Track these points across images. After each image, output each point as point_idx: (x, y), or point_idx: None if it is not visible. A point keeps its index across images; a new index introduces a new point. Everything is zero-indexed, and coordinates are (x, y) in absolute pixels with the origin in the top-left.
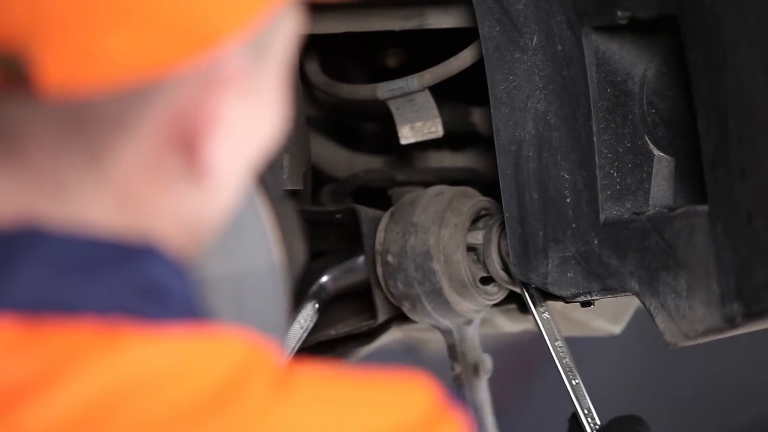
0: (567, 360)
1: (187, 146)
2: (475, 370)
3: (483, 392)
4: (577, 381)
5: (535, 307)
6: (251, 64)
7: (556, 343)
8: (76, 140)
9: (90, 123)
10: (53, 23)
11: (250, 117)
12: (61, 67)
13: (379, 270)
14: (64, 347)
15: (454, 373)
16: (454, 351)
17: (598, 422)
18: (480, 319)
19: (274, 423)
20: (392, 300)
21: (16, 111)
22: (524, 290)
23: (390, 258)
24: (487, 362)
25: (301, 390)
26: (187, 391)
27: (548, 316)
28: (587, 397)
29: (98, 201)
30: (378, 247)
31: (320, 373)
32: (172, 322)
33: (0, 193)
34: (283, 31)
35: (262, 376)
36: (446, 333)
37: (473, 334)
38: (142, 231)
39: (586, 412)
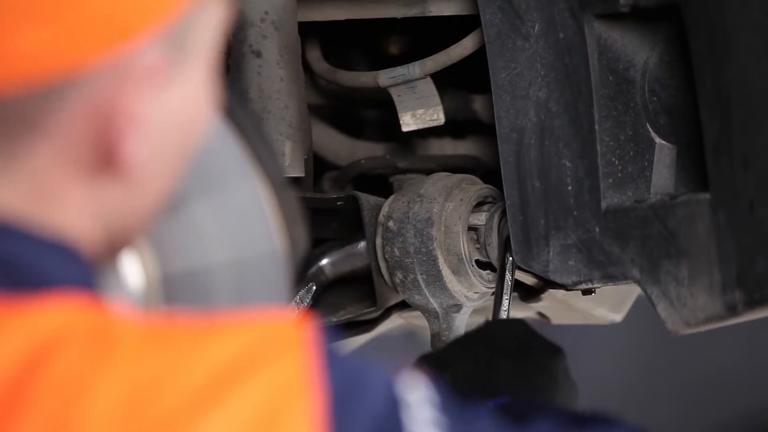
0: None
1: (104, 142)
2: None
3: None
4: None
5: (505, 272)
6: (170, 57)
7: (504, 296)
8: None
9: (3, 120)
10: None
11: (174, 110)
12: None
13: (378, 241)
14: None
15: None
16: (437, 339)
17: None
18: (469, 311)
19: (87, 400)
20: (386, 273)
21: None
22: (504, 254)
23: (391, 224)
24: None
25: (123, 351)
26: None
27: (511, 283)
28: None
29: (5, 190)
30: (381, 218)
31: (144, 325)
32: (8, 294)
33: None
34: (205, 21)
35: (77, 345)
36: (432, 318)
37: (459, 325)
38: (52, 221)
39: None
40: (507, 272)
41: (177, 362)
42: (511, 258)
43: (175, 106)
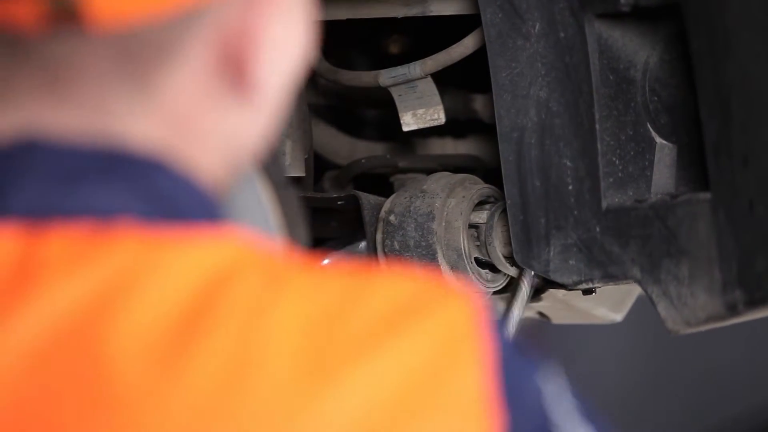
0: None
1: (235, 66)
2: None
3: None
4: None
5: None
6: None
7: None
8: (125, 69)
9: (140, 52)
10: None
11: (288, 34)
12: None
13: (379, 236)
14: (60, 249)
15: None
16: None
17: None
18: None
19: (268, 321)
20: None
21: (64, 46)
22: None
23: (392, 218)
24: None
25: (295, 285)
26: (169, 294)
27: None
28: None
29: (143, 122)
30: (382, 214)
31: (319, 266)
32: (173, 227)
33: (41, 116)
34: None
35: (253, 275)
36: None
37: None
38: (184, 151)
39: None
40: (524, 284)
41: (352, 296)
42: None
43: (287, 30)
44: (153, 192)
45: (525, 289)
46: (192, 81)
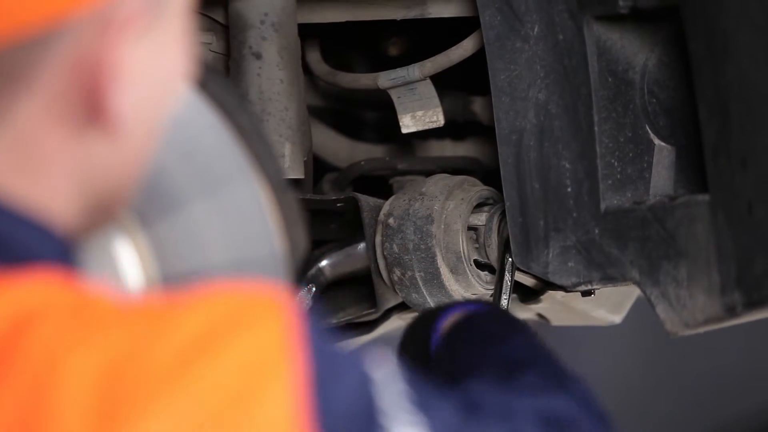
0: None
1: (90, 93)
2: None
3: None
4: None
5: (504, 271)
6: (148, 6)
7: (503, 297)
8: None
9: None
10: None
11: (156, 61)
12: None
13: (378, 239)
14: None
15: None
16: None
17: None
18: None
19: (63, 370)
20: (384, 271)
21: None
22: (504, 255)
23: (391, 220)
24: None
25: (99, 328)
26: None
27: (510, 284)
28: None
29: None
30: (381, 217)
31: (120, 302)
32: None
33: None
34: None
35: (55, 320)
36: None
37: None
38: (35, 192)
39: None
40: (506, 273)
41: (152, 335)
42: (510, 259)
43: (154, 57)
44: None
45: (507, 277)
46: (42, 110)
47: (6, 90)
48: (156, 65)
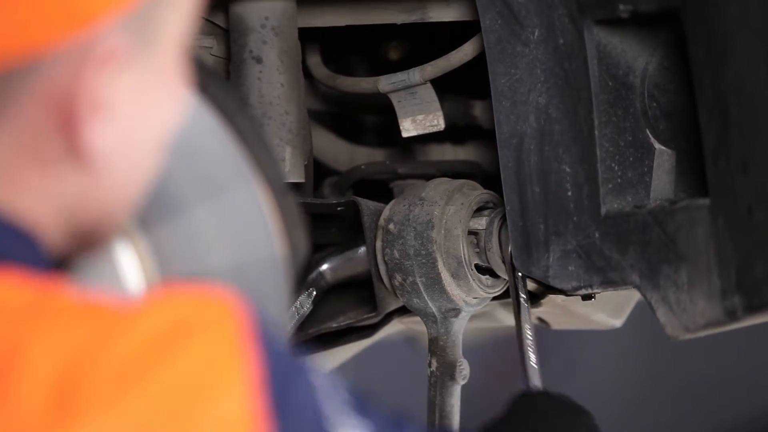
0: (530, 342)
1: (66, 127)
2: (451, 373)
3: (455, 398)
4: (535, 363)
5: (519, 290)
6: (136, 41)
7: (526, 326)
8: None
9: None
10: None
11: (143, 96)
12: None
13: (379, 244)
14: None
15: (429, 369)
16: (434, 344)
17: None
18: (468, 317)
19: (21, 360)
20: (385, 277)
21: None
22: (512, 274)
23: (392, 226)
24: (465, 368)
25: (55, 325)
26: None
27: (526, 304)
28: (540, 381)
29: None
30: (382, 222)
31: (82, 302)
32: None
33: None
34: (175, 9)
35: (10, 313)
36: (430, 323)
37: (458, 330)
38: (9, 202)
39: None
40: (521, 293)
41: (110, 333)
42: (520, 275)
43: (140, 91)
44: None
45: (523, 298)
46: (16, 140)
47: None
48: (142, 99)
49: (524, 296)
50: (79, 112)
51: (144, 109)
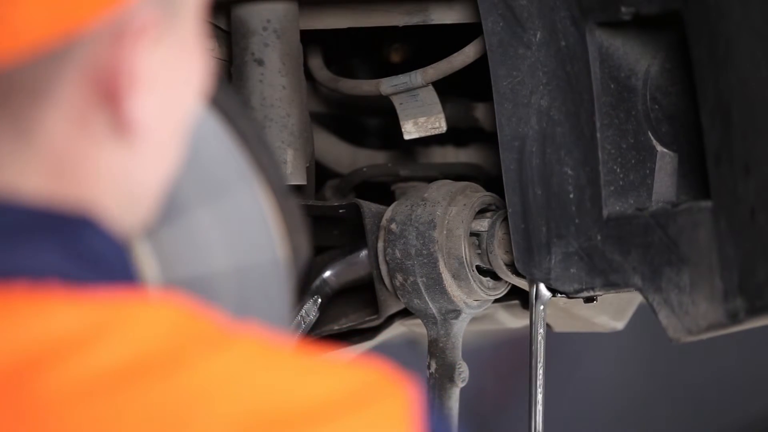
0: (542, 351)
1: (110, 102)
2: (451, 376)
3: (453, 401)
4: (542, 372)
5: (536, 300)
6: (162, 13)
7: (540, 331)
8: (1, 115)
9: (11, 94)
10: None
11: (173, 68)
12: None
13: (380, 245)
14: None
15: (428, 371)
16: (434, 346)
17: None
18: (468, 319)
19: (204, 375)
20: (386, 277)
21: None
22: (530, 282)
23: (393, 226)
24: (464, 371)
25: (237, 350)
26: (110, 354)
27: (543, 314)
28: (541, 394)
29: (29, 171)
30: (384, 222)
31: (263, 338)
32: (104, 286)
33: None
34: None
35: (198, 339)
36: (430, 324)
37: (458, 333)
38: (78, 198)
39: (540, 408)
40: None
41: (295, 385)
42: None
43: (171, 61)
44: (79, 250)
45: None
46: (66, 121)
47: (32, 107)
48: (173, 69)
49: (542, 332)
50: (120, 86)
51: (176, 76)
